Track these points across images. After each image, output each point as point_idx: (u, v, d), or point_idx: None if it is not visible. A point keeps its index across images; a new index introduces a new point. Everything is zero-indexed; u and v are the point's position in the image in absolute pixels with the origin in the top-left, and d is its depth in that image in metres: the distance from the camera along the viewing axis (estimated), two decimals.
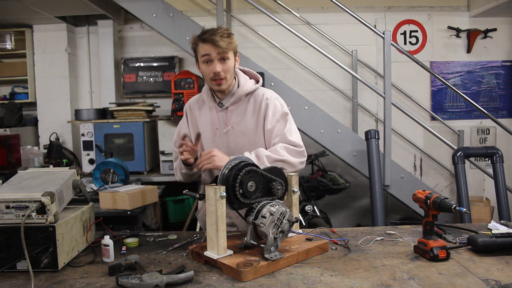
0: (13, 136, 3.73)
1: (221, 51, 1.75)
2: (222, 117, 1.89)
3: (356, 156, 3.68)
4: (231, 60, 1.81)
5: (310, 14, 4.46)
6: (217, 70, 1.77)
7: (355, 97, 4.49)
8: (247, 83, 1.89)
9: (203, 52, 1.78)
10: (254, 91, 1.90)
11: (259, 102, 1.87)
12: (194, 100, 1.99)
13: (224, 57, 1.78)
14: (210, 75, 1.80)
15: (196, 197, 1.56)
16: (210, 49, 1.76)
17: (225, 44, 1.75)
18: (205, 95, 1.93)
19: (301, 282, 1.32)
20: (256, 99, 1.89)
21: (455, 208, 1.43)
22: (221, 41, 1.74)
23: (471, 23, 4.51)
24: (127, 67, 4.51)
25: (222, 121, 1.89)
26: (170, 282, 1.28)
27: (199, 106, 1.96)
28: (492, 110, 4.49)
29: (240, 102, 1.88)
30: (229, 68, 1.81)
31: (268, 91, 1.92)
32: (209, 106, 1.92)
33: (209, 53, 1.77)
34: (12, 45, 4.32)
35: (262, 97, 1.88)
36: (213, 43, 1.74)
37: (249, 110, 1.87)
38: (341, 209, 4.70)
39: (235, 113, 1.88)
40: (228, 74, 1.81)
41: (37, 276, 1.37)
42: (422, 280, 1.32)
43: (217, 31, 1.76)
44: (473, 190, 4.43)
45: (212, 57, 1.77)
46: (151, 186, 2.95)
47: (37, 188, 1.49)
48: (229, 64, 1.80)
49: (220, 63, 1.78)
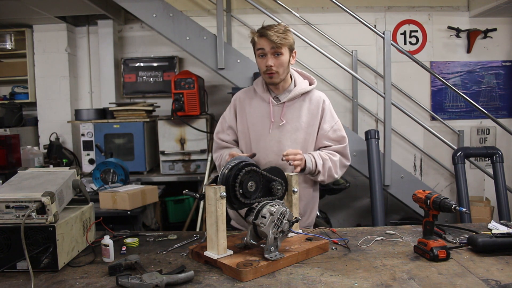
0: (13, 136, 3.73)
1: (275, 45, 1.81)
2: (278, 111, 1.92)
3: (356, 156, 3.68)
4: (285, 56, 1.86)
5: (310, 14, 4.46)
6: (269, 64, 1.83)
7: (355, 97, 4.49)
8: (303, 83, 1.97)
9: (258, 45, 1.86)
10: (310, 92, 1.98)
11: (316, 102, 1.96)
12: (243, 92, 2.04)
13: (278, 52, 1.83)
14: (263, 68, 1.86)
15: (196, 197, 1.56)
16: (264, 43, 1.83)
17: (279, 39, 1.80)
18: (259, 88, 1.97)
19: (301, 282, 1.32)
20: (312, 99, 1.96)
21: (455, 208, 1.43)
22: (275, 36, 1.80)
23: (471, 23, 4.51)
24: (127, 67, 4.51)
25: (277, 115, 1.91)
26: (170, 282, 1.28)
27: (249, 98, 1.99)
28: (492, 110, 4.48)
29: (296, 99, 1.94)
30: (282, 63, 1.85)
31: (323, 94, 2.02)
32: (263, 99, 1.95)
33: (263, 47, 1.84)
34: (12, 45, 4.32)
35: (319, 98, 1.97)
36: (267, 37, 1.81)
37: (304, 108, 1.94)
38: (341, 209, 4.70)
39: (290, 109, 1.93)
40: (280, 69, 1.86)
41: (37, 276, 1.37)
42: (422, 280, 1.32)
43: (274, 27, 1.83)
44: (473, 190, 4.43)
45: (266, 51, 1.84)
46: (151, 186, 2.95)
47: (37, 188, 1.49)
48: (282, 59, 1.85)
49: (273, 57, 1.84)
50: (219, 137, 2.05)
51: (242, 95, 2.03)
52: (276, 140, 1.91)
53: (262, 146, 1.92)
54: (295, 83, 1.96)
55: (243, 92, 2.05)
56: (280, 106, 1.93)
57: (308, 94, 1.97)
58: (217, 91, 4.56)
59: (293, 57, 1.92)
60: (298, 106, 1.94)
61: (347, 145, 1.99)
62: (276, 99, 1.94)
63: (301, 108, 1.93)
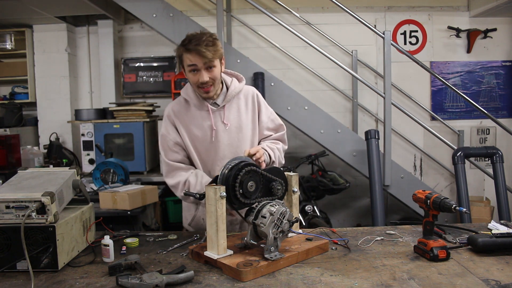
0: (13, 136, 3.73)
1: (207, 61, 1.73)
2: (218, 116, 1.88)
3: (356, 156, 3.68)
4: (218, 67, 1.80)
5: (310, 14, 4.46)
6: (204, 80, 1.76)
7: (355, 97, 4.49)
8: (234, 82, 1.93)
9: (188, 62, 1.76)
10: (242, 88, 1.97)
11: (250, 97, 1.95)
12: (176, 105, 1.91)
13: (211, 66, 1.76)
14: (197, 84, 1.79)
15: (196, 197, 1.56)
16: (196, 60, 1.73)
17: (211, 54, 1.73)
18: (193, 98, 1.87)
19: (301, 282, 1.32)
20: (246, 95, 1.95)
21: (455, 208, 1.43)
22: (206, 51, 1.71)
23: (471, 23, 4.51)
24: (127, 67, 4.51)
25: (218, 120, 1.88)
26: (170, 282, 1.28)
27: (185, 109, 1.90)
28: (492, 110, 4.48)
29: (232, 100, 1.92)
30: (216, 75, 1.81)
31: (252, 87, 2.01)
32: (200, 108, 1.87)
33: (195, 63, 1.75)
34: (12, 45, 4.32)
35: (252, 92, 1.97)
36: (199, 54, 1.72)
37: (241, 106, 1.92)
38: (341, 209, 4.70)
39: (230, 111, 1.91)
40: (216, 81, 1.82)
41: (37, 276, 1.37)
42: (422, 280, 1.32)
43: (202, 40, 1.72)
44: (473, 190, 4.43)
45: (198, 67, 1.75)
46: (151, 186, 2.95)
47: (37, 188, 1.49)
48: (216, 72, 1.79)
49: (207, 71, 1.76)
50: (168, 159, 1.87)
51: (176, 108, 1.90)
52: (226, 144, 1.87)
53: (215, 155, 1.86)
54: (226, 84, 1.91)
55: (175, 104, 1.92)
56: (220, 110, 1.88)
57: (241, 91, 1.94)
58: None
59: (222, 64, 1.85)
60: (236, 106, 1.91)
61: (285, 132, 2.03)
62: (214, 105, 1.88)
63: (238, 106, 1.92)
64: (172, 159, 1.88)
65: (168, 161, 1.88)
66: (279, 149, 1.96)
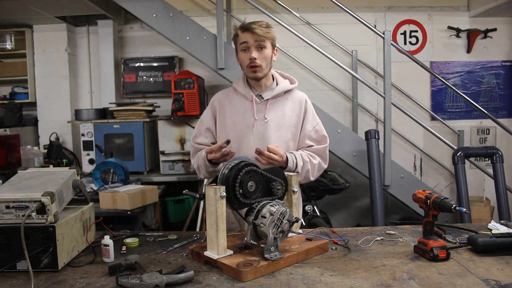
0: (13, 136, 3.73)
1: (258, 38, 1.83)
2: (261, 109, 1.91)
3: (356, 156, 3.68)
4: (268, 50, 1.87)
5: (310, 14, 4.46)
6: (253, 56, 1.83)
7: (355, 97, 4.49)
8: (284, 82, 1.97)
9: (241, 40, 1.86)
10: (292, 91, 1.98)
11: (298, 102, 1.96)
12: (222, 93, 2.03)
13: (261, 45, 1.84)
14: (246, 62, 1.86)
15: (196, 197, 1.56)
16: (248, 37, 1.84)
17: (262, 32, 1.82)
18: (241, 86, 1.96)
19: (301, 282, 1.32)
20: (295, 98, 1.97)
21: (455, 208, 1.43)
22: (258, 29, 1.82)
23: (471, 23, 4.51)
24: (127, 67, 4.50)
25: (260, 113, 1.91)
26: (170, 282, 1.28)
27: (229, 98, 1.98)
28: (492, 110, 4.48)
29: (279, 97, 1.94)
30: (266, 57, 1.86)
31: (305, 94, 2.02)
32: (245, 97, 1.94)
33: (247, 41, 1.84)
34: (12, 45, 4.32)
35: (301, 98, 1.98)
36: (251, 31, 1.83)
37: (287, 107, 1.94)
38: (341, 209, 4.70)
39: (274, 107, 1.92)
40: (264, 63, 1.86)
41: (37, 276, 1.37)
42: (422, 280, 1.32)
43: (257, 22, 1.85)
44: (473, 190, 4.43)
45: (249, 44, 1.84)
46: (151, 186, 2.95)
47: (37, 188, 1.49)
48: (266, 53, 1.86)
49: (257, 50, 1.85)
50: (196, 142, 2.00)
51: (221, 95, 2.01)
52: (259, 138, 1.89)
53: (245, 144, 1.89)
54: (277, 82, 1.97)
55: (222, 93, 2.03)
56: (263, 104, 1.92)
57: (290, 93, 1.97)
58: (217, 91, 4.47)
59: (275, 54, 1.92)
60: (281, 104, 1.94)
61: (327, 146, 2.01)
62: (259, 97, 1.94)
63: (284, 106, 1.94)
64: (198, 142, 1.99)
65: (194, 144, 2.00)
66: (313, 164, 1.92)
